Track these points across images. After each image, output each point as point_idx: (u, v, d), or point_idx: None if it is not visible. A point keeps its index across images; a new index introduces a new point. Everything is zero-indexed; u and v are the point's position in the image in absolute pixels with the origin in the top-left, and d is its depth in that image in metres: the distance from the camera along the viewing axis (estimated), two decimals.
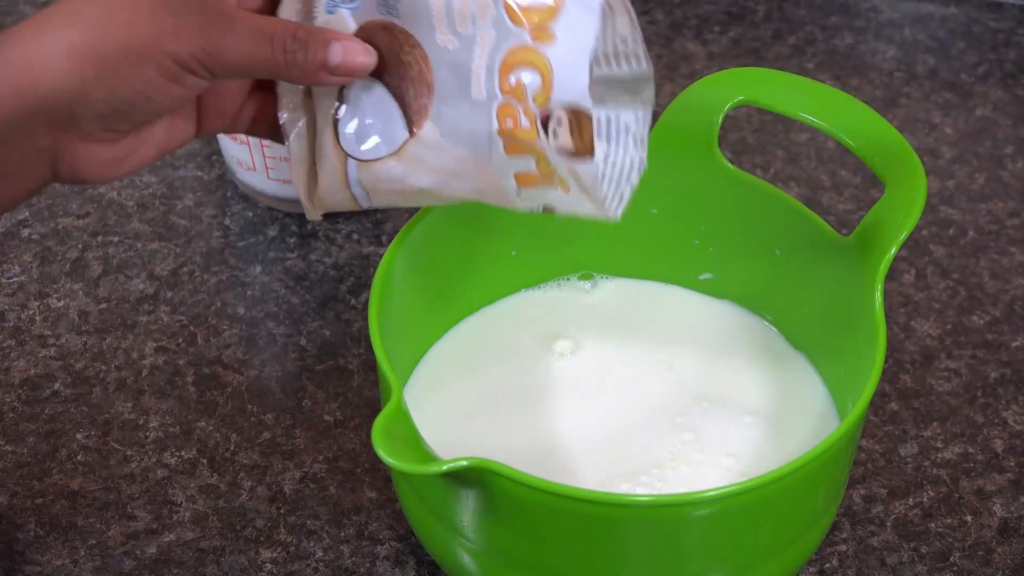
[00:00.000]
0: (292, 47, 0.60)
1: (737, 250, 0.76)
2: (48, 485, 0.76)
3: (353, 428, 0.79)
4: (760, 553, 0.66)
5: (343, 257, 0.88)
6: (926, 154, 0.95)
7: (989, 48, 1.04)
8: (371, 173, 0.64)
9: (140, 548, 0.74)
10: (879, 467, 0.78)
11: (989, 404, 0.81)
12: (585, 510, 0.61)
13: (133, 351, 0.83)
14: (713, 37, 1.04)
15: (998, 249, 0.89)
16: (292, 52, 0.60)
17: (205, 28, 0.58)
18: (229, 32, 0.58)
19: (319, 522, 0.75)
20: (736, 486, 0.61)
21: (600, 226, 0.77)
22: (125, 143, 0.61)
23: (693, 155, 0.74)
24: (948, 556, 0.74)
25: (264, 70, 0.60)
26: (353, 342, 0.84)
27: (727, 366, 0.75)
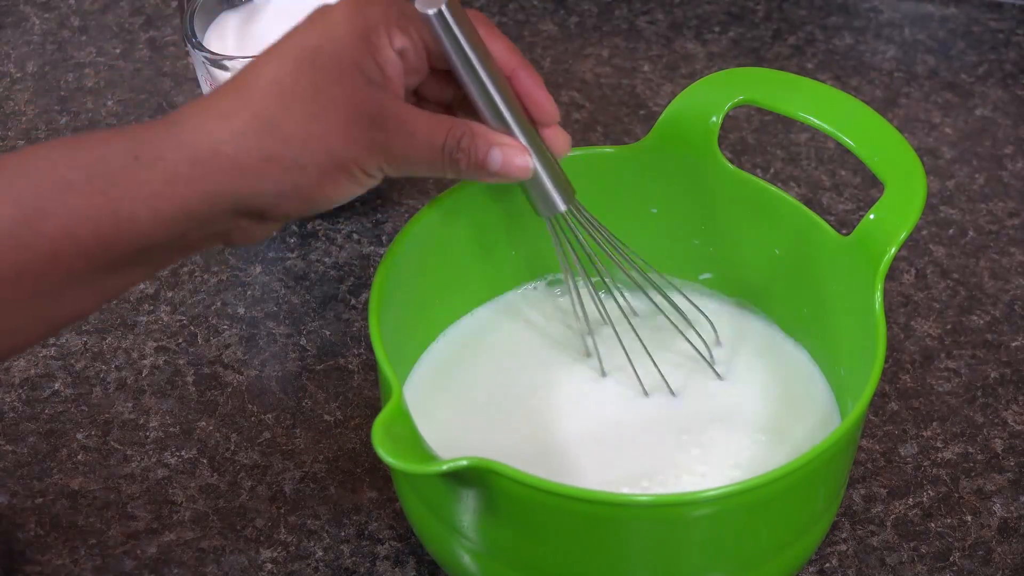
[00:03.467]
0: (456, 155, 0.64)
1: (737, 250, 0.76)
2: (48, 485, 0.76)
3: (353, 428, 0.79)
4: (760, 553, 0.66)
5: (343, 257, 0.88)
6: (926, 154, 0.95)
7: (989, 48, 1.04)
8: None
9: (140, 548, 0.74)
10: (879, 467, 0.78)
11: (989, 404, 0.81)
12: (585, 510, 0.61)
13: (133, 351, 0.83)
14: (713, 37, 1.04)
15: (998, 249, 0.89)
16: (456, 160, 0.64)
17: (389, 141, 0.62)
18: (408, 144, 0.63)
19: (319, 522, 0.75)
20: (736, 486, 0.61)
21: None
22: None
23: (693, 155, 0.74)
24: (948, 556, 0.74)
25: (433, 171, 0.64)
26: (353, 342, 0.84)
27: (727, 365, 0.75)
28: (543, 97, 0.67)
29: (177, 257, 0.63)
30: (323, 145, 0.61)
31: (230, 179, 0.60)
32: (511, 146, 0.65)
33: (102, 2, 1.06)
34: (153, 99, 0.99)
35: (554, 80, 1.00)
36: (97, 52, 1.02)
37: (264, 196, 0.61)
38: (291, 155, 0.60)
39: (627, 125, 0.98)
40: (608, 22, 1.05)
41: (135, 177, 0.59)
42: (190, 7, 0.87)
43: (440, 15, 0.63)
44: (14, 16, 1.05)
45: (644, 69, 1.02)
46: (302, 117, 0.60)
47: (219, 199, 0.60)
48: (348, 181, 0.62)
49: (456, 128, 0.64)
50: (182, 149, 0.59)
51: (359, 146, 0.61)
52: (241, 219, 0.62)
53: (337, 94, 0.61)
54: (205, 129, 0.60)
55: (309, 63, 0.61)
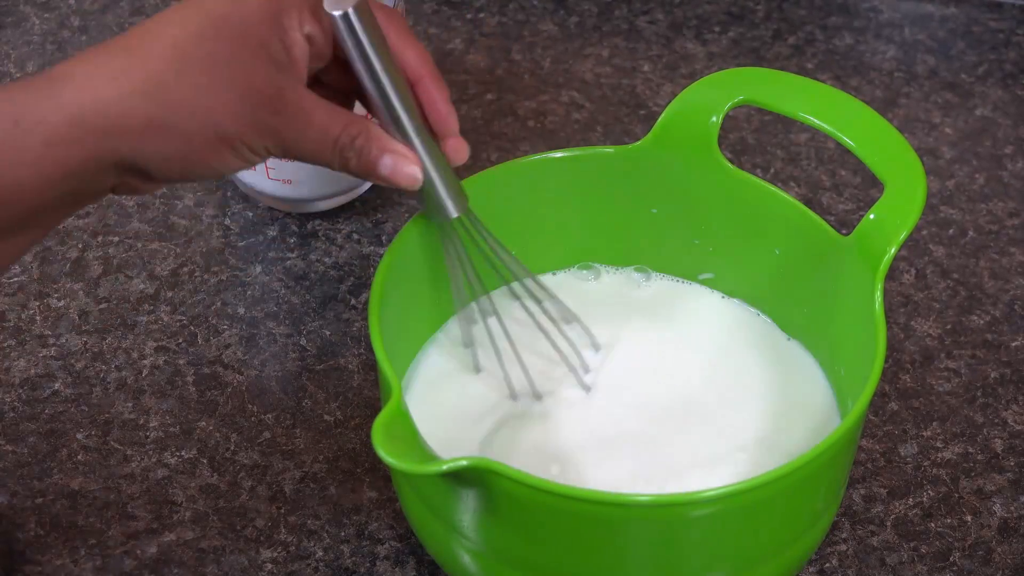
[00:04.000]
0: (348, 153, 0.64)
1: (737, 250, 0.76)
2: (48, 485, 0.76)
3: (353, 428, 0.79)
4: (760, 553, 0.66)
5: (343, 257, 0.88)
6: (926, 154, 0.95)
7: (989, 48, 1.04)
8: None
9: (140, 548, 0.74)
10: (879, 467, 0.78)
11: (989, 404, 0.81)
12: (585, 510, 0.61)
13: (133, 351, 0.83)
14: (713, 37, 1.04)
15: (998, 249, 0.89)
16: (347, 158, 0.64)
17: (281, 126, 0.62)
18: (300, 133, 0.62)
19: (319, 522, 0.75)
20: (736, 486, 0.61)
21: (601, 225, 0.77)
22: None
23: (693, 155, 0.74)
24: (948, 556, 0.74)
25: (321, 163, 0.64)
26: (353, 342, 0.84)
27: (726, 365, 0.75)
28: (444, 108, 0.67)
29: (66, 214, 0.62)
30: (211, 118, 0.60)
31: (113, 140, 0.59)
32: (402, 155, 0.65)
33: (102, 2, 1.06)
34: None
35: (554, 80, 1.01)
36: None
37: (148, 159, 0.60)
38: (177, 122, 0.60)
39: (627, 125, 0.98)
40: (608, 22, 1.05)
41: (17, 143, 0.58)
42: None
43: (346, 17, 0.62)
44: (14, 16, 1.05)
45: (644, 69, 1.02)
46: (194, 86, 0.60)
47: (102, 160, 0.60)
48: (233, 156, 0.62)
49: (352, 126, 0.63)
50: (64, 109, 0.59)
51: (247, 125, 0.61)
52: (126, 176, 0.61)
53: (235, 69, 0.60)
54: (90, 88, 0.59)
55: (213, 31, 0.60)
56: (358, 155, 0.64)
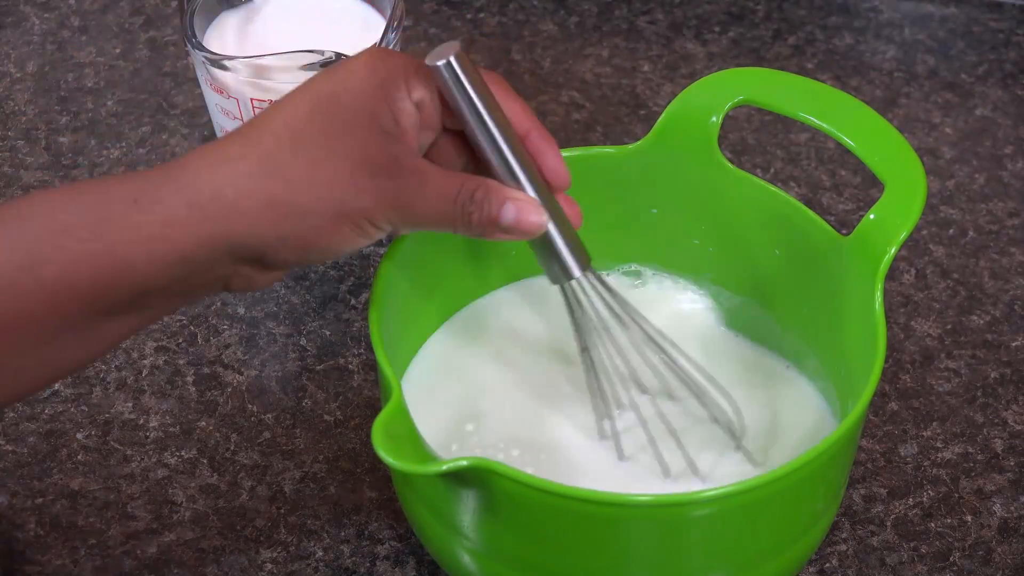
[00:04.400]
0: (469, 208, 0.63)
1: (737, 250, 0.76)
2: (48, 485, 0.76)
3: (353, 428, 0.79)
4: (760, 553, 0.66)
5: (343, 257, 0.88)
6: (926, 154, 0.95)
7: (989, 48, 1.04)
8: None
9: (140, 548, 0.74)
10: (879, 467, 0.78)
11: (989, 404, 0.81)
12: (585, 510, 0.61)
13: (133, 351, 0.83)
14: (713, 37, 1.04)
15: (998, 249, 0.89)
16: (469, 213, 0.63)
17: (400, 191, 0.61)
18: (419, 195, 0.61)
19: (319, 522, 0.75)
20: (736, 486, 0.61)
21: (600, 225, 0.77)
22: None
23: (693, 155, 0.74)
24: (948, 556, 0.74)
25: (443, 226, 0.63)
26: (353, 342, 0.84)
27: (727, 365, 0.75)
28: (556, 160, 0.66)
29: (177, 303, 0.62)
30: (328, 192, 0.60)
31: (229, 223, 0.59)
32: (525, 202, 0.64)
33: (102, 2, 1.06)
34: (153, 99, 0.99)
35: (554, 80, 1.01)
36: (97, 52, 1.02)
37: (263, 241, 0.60)
38: (294, 200, 0.59)
39: (627, 125, 0.98)
40: (608, 22, 1.05)
41: (133, 221, 0.58)
42: (190, 7, 0.87)
43: (449, 65, 0.62)
44: (14, 16, 1.05)
45: (644, 69, 1.02)
46: (309, 162, 0.59)
47: (217, 244, 0.59)
48: (352, 231, 0.61)
49: (470, 181, 0.63)
50: (182, 192, 0.59)
51: (366, 195, 0.60)
52: (241, 265, 0.61)
53: (348, 142, 0.60)
54: (208, 172, 0.59)
55: (323, 109, 0.60)
56: (479, 208, 0.63)
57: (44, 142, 0.96)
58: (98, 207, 0.59)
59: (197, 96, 0.98)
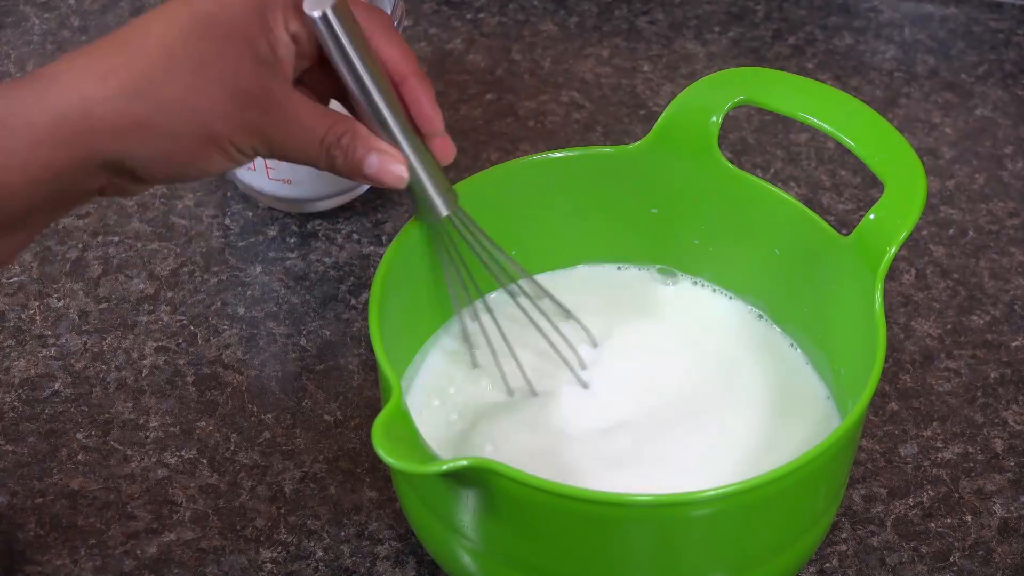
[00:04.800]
0: (334, 152, 0.64)
1: (737, 250, 0.76)
2: (48, 485, 0.76)
3: (353, 428, 0.79)
4: (760, 553, 0.66)
5: (343, 257, 0.88)
6: (926, 154, 0.95)
7: (989, 48, 1.04)
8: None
9: (140, 548, 0.74)
10: (879, 467, 0.78)
11: (989, 404, 0.81)
12: (585, 510, 0.61)
13: (133, 351, 0.83)
14: (713, 37, 1.04)
15: (998, 249, 0.89)
16: (333, 156, 0.64)
17: (268, 124, 0.62)
18: (287, 131, 0.62)
19: (319, 522, 0.75)
20: (736, 486, 0.61)
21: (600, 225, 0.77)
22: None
23: (693, 155, 0.74)
24: (948, 556, 0.74)
25: (307, 163, 0.64)
26: (353, 342, 0.84)
27: (727, 365, 0.75)
28: (429, 107, 0.67)
29: (56, 215, 0.62)
30: (199, 117, 0.60)
31: (99, 141, 0.59)
32: (389, 154, 0.65)
33: (102, 2, 1.06)
34: None
35: (554, 80, 1.01)
36: None
37: (134, 159, 0.60)
38: (164, 122, 0.60)
39: (627, 125, 0.98)
40: (608, 22, 1.05)
41: (3, 146, 0.58)
42: None
43: (324, 18, 0.62)
44: (14, 16, 1.05)
45: (644, 69, 1.02)
46: (182, 86, 0.60)
47: (88, 160, 0.60)
48: (221, 156, 0.62)
49: (338, 125, 0.63)
50: (51, 111, 0.59)
51: (235, 124, 0.61)
52: (113, 177, 0.61)
53: (222, 67, 0.60)
54: (77, 88, 0.59)
55: (199, 30, 0.60)
56: (344, 154, 0.64)
57: None
58: None
59: None
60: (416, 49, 1.02)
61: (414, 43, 1.02)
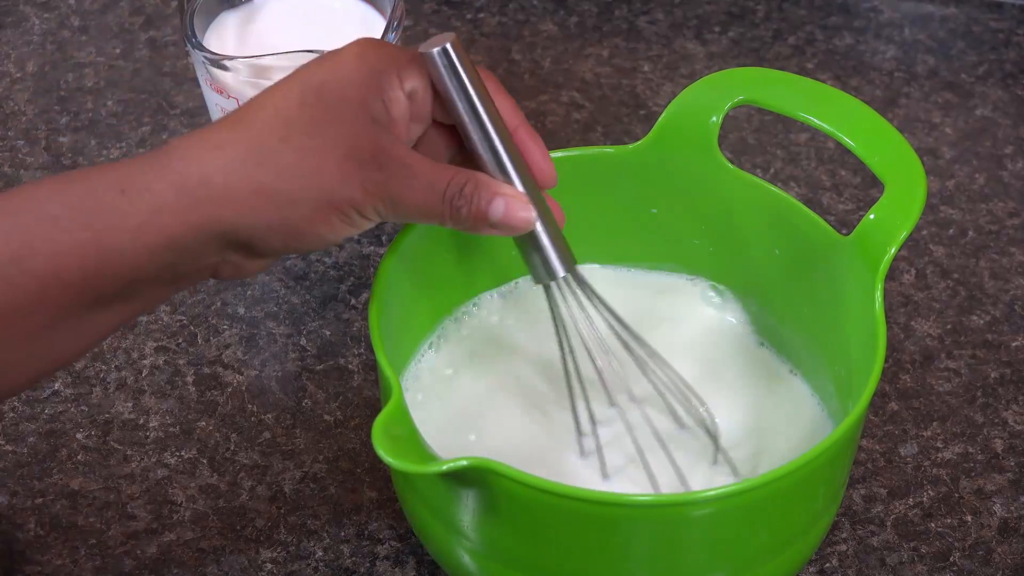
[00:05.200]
0: (458, 202, 0.62)
1: (737, 250, 0.76)
2: (48, 485, 0.76)
3: (353, 428, 0.79)
4: (760, 553, 0.66)
5: (343, 257, 0.88)
6: (926, 154, 0.95)
7: (989, 48, 1.04)
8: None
9: (140, 548, 0.74)
10: (879, 467, 0.78)
11: (989, 404, 0.81)
12: (585, 510, 0.61)
13: (133, 351, 0.83)
14: (713, 37, 1.04)
15: (998, 249, 0.89)
16: (457, 207, 0.62)
17: (388, 182, 0.61)
18: (408, 187, 0.61)
19: (319, 522, 0.75)
20: (736, 486, 0.61)
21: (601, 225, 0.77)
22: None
23: (693, 155, 0.74)
24: (948, 556, 0.74)
25: (431, 219, 0.63)
26: (353, 342, 0.84)
27: (727, 365, 0.75)
28: (544, 158, 0.66)
29: (167, 292, 0.62)
30: (318, 180, 0.60)
31: (218, 210, 0.59)
32: (515, 197, 0.64)
33: (102, 2, 1.06)
34: (153, 99, 0.99)
35: (554, 80, 1.01)
36: (97, 52, 1.02)
37: (252, 229, 0.60)
38: (283, 188, 0.59)
39: (627, 125, 0.98)
40: (608, 22, 1.05)
41: (120, 209, 0.58)
42: (190, 7, 0.87)
43: (444, 52, 0.62)
44: (14, 16, 1.05)
45: (644, 69, 1.02)
46: (299, 150, 0.59)
47: (205, 230, 0.59)
48: (341, 221, 0.61)
49: (460, 175, 0.63)
50: (169, 179, 0.59)
51: (355, 185, 0.60)
52: (229, 252, 0.61)
53: (338, 130, 0.60)
54: (196, 158, 0.59)
55: (313, 98, 0.60)
56: (468, 203, 0.62)
57: (44, 142, 0.96)
58: (86, 197, 0.59)
59: (197, 96, 0.98)
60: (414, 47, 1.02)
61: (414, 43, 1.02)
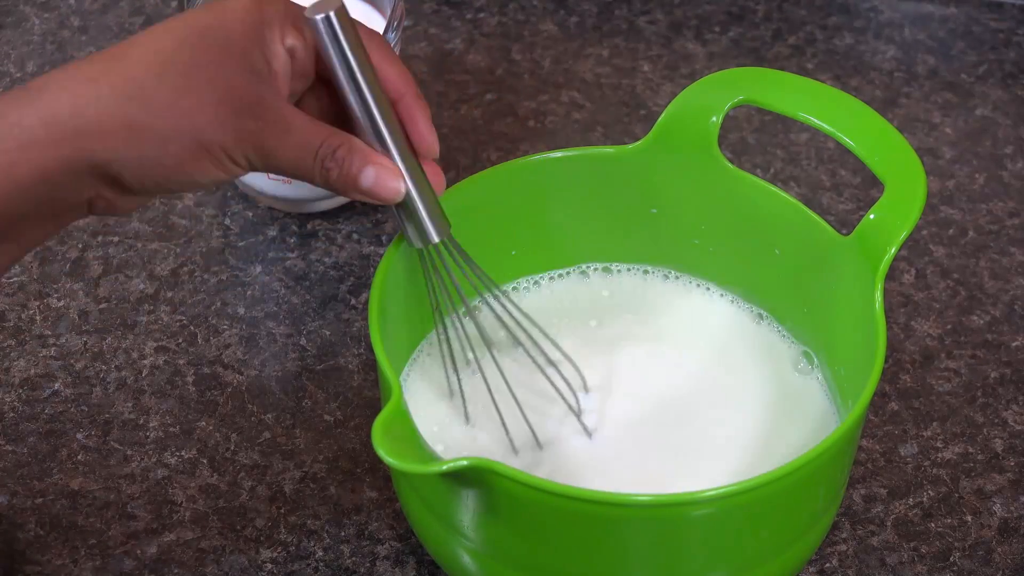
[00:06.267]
0: (329, 163, 0.63)
1: (737, 250, 0.76)
2: (48, 485, 0.76)
3: (353, 428, 0.79)
4: (760, 553, 0.66)
5: (343, 257, 0.88)
6: (926, 154, 0.95)
7: (989, 48, 1.04)
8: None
9: (140, 548, 0.74)
10: (879, 467, 0.78)
11: (989, 404, 0.81)
12: (585, 510, 0.61)
13: (133, 351, 0.83)
14: (713, 37, 1.04)
15: (998, 249, 0.89)
16: (328, 168, 0.63)
17: (262, 132, 0.61)
18: (281, 141, 0.61)
19: (319, 522, 0.75)
20: (736, 486, 0.61)
21: (601, 226, 0.77)
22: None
23: (693, 155, 0.74)
24: (948, 556, 0.74)
25: (302, 176, 0.63)
26: (353, 342, 0.84)
27: (727, 365, 0.75)
28: (426, 128, 0.66)
29: (46, 229, 0.61)
30: (190, 121, 0.60)
31: (89, 142, 0.59)
32: (386, 167, 0.64)
33: (102, 2, 1.06)
34: None
35: (554, 80, 1.01)
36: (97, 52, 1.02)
37: (123, 164, 0.59)
38: (155, 125, 0.59)
39: (627, 125, 0.98)
40: (608, 22, 1.05)
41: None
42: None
43: (327, 20, 0.62)
44: (14, 16, 1.05)
45: (644, 69, 1.02)
46: (173, 89, 0.59)
47: (77, 164, 0.59)
48: (212, 164, 0.61)
49: (334, 137, 0.63)
50: (40, 113, 0.58)
51: (228, 130, 0.60)
52: (102, 187, 0.60)
53: (216, 74, 0.60)
54: (68, 91, 0.59)
55: (195, 40, 0.60)
56: (339, 166, 0.63)
57: None
58: None
59: None
60: (416, 49, 1.02)
61: (414, 43, 1.02)
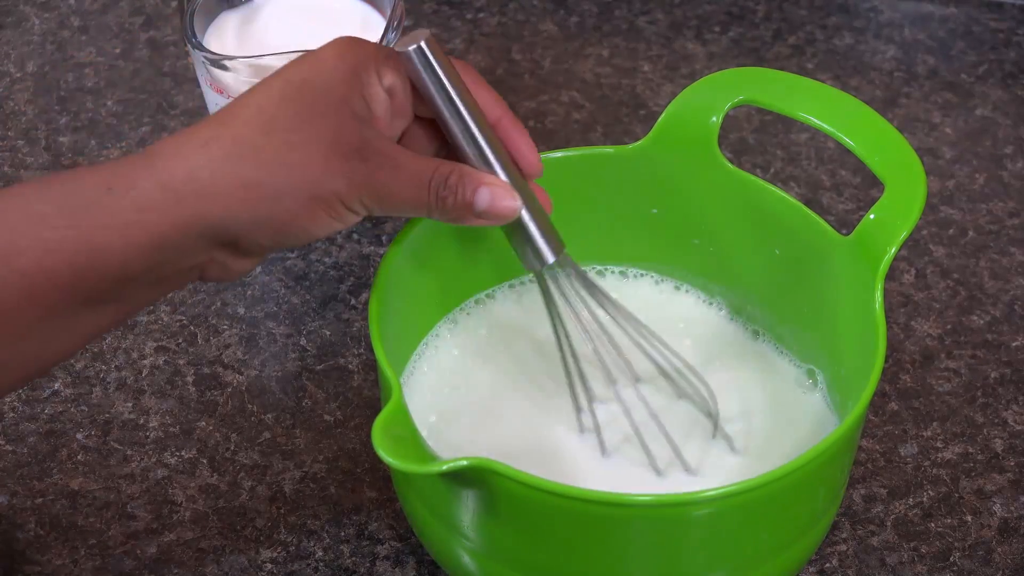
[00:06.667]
0: (443, 193, 0.63)
1: (737, 250, 0.76)
2: (48, 485, 0.76)
3: (353, 428, 0.79)
4: (760, 553, 0.66)
5: (343, 257, 0.88)
6: (926, 154, 0.95)
7: (989, 48, 1.04)
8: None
9: (140, 548, 0.74)
10: (879, 467, 0.78)
11: (989, 404, 0.81)
12: (585, 510, 0.61)
13: (133, 351, 0.83)
14: (713, 37, 1.04)
15: (998, 249, 0.89)
16: (443, 198, 0.63)
17: (373, 173, 0.61)
18: (393, 178, 0.62)
19: (319, 522, 0.75)
20: (736, 486, 0.61)
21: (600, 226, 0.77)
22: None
23: (693, 155, 0.74)
24: (948, 556, 0.74)
25: (417, 210, 0.63)
26: (353, 342, 0.84)
27: (726, 365, 0.75)
28: (528, 148, 0.67)
29: (154, 293, 0.62)
30: (302, 173, 0.60)
31: (204, 205, 0.59)
32: (499, 186, 0.64)
33: (102, 2, 1.06)
34: (153, 99, 0.99)
35: (554, 80, 1.01)
36: (97, 52, 1.02)
37: (239, 224, 0.60)
38: (268, 181, 0.60)
39: (627, 125, 0.98)
40: (608, 22, 1.05)
41: (107, 207, 0.58)
42: (190, 7, 0.87)
43: (419, 50, 0.63)
44: (14, 16, 1.05)
45: (644, 69, 1.02)
46: (283, 145, 0.60)
47: (192, 228, 0.59)
48: (326, 214, 0.61)
49: (444, 166, 0.63)
50: (155, 176, 0.59)
51: (339, 178, 0.60)
52: (216, 250, 0.61)
53: (321, 125, 0.60)
54: (181, 156, 0.59)
55: (295, 95, 0.61)
56: (453, 193, 0.63)
57: (44, 142, 0.96)
58: (72, 196, 0.59)
59: (197, 96, 0.98)
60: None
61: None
